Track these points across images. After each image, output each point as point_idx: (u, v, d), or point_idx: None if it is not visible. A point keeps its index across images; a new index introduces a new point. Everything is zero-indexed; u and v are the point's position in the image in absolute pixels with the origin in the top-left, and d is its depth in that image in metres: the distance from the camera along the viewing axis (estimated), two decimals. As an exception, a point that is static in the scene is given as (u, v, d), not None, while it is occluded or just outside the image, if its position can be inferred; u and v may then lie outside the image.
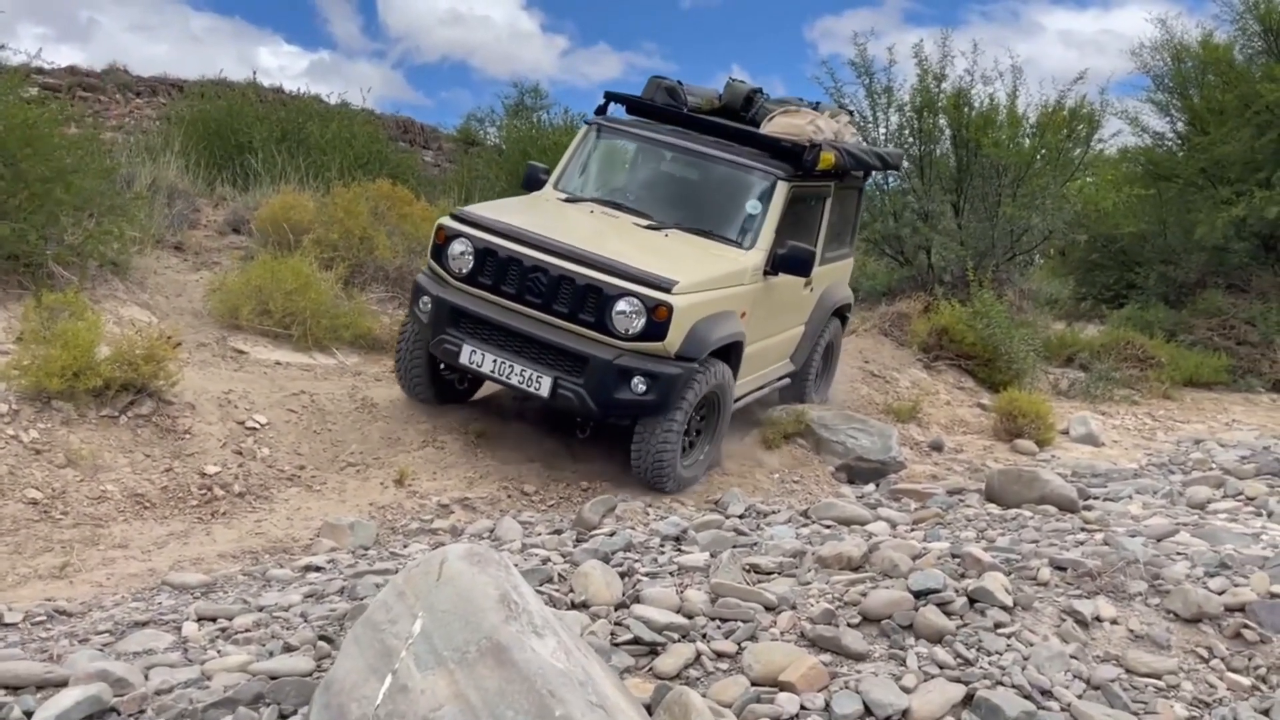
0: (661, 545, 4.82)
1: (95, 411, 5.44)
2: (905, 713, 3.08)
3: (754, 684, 3.23)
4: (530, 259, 5.81)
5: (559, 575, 4.18)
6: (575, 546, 4.70)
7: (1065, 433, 8.70)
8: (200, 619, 3.35)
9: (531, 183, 7.07)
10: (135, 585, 4.05)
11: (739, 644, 3.49)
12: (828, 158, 6.55)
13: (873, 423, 7.08)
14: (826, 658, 3.44)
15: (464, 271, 6.01)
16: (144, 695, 2.53)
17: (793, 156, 6.56)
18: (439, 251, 6.11)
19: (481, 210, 6.36)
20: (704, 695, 3.07)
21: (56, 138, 7.17)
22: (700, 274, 5.85)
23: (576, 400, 5.71)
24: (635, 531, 5.01)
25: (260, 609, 3.46)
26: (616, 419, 5.99)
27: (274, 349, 7.17)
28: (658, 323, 5.59)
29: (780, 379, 7.34)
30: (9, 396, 5.24)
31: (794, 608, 3.86)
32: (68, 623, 3.46)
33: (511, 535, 5.00)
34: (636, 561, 4.48)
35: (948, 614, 3.75)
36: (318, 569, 4.24)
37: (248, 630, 3.18)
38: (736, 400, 6.50)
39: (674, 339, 5.64)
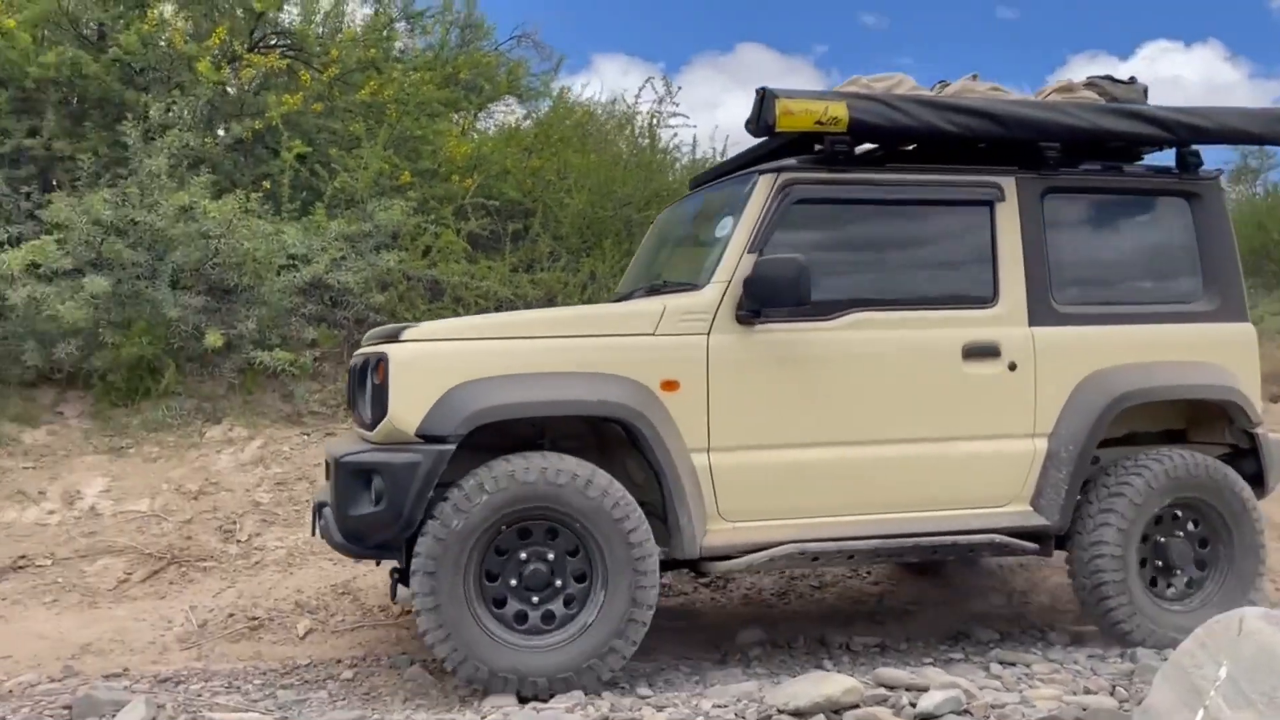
0: None
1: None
2: None
3: None
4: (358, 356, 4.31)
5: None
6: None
7: None
8: (1002, 663, 4.16)
9: None
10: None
11: None
12: (794, 107, 3.99)
13: None
14: None
15: None
16: (986, 705, 3.36)
17: (798, 142, 4.28)
18: None
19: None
20: None
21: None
22: (480, 320, 4.35)
23: (326, 532, 3.92)
24: None
25: (1050, 660, 4.18)
26: (380, 553, 3.89)
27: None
28: (378, 387, 3.78)
29: (979, 533, 4.18)
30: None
31: None
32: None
33: None
34: None
35: None
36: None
37: (1046, 675, 3.89)
38: (773, 556, 3.95)
39: (401, 407, 3.67)
